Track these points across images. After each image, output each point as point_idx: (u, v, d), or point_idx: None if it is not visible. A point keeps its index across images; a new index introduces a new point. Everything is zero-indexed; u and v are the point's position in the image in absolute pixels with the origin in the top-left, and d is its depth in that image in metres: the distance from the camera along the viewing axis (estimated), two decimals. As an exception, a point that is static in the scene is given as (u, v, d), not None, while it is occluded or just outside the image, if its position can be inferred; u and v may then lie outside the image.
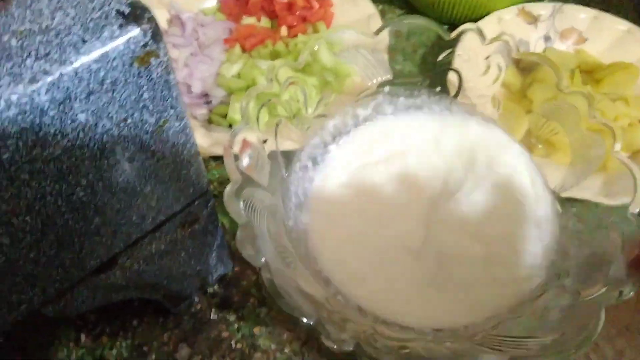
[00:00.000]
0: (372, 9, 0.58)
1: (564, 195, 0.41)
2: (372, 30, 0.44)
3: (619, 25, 0.57)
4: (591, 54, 0.57)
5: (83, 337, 0.41)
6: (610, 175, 0.39)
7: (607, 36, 0.57)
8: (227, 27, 0.59)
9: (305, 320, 0.30)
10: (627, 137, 0.51)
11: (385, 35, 0.46)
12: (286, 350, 0.41)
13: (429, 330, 0.35)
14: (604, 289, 0.32)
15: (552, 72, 0.41)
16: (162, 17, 0.59)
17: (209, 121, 0.51)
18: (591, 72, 0.55)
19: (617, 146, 0.38)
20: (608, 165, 0.39)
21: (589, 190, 0.40)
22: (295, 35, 0.57)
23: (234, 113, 0.50)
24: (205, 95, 0.53)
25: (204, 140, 0.48)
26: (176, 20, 0.58)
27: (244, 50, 0.56)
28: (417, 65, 0.50)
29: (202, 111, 0.52)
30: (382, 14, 0.64)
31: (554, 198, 0.41)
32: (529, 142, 0.46)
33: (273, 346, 0.41)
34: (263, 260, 0.31)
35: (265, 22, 0.60)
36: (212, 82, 0.52)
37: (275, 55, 0.55)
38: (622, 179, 0.37)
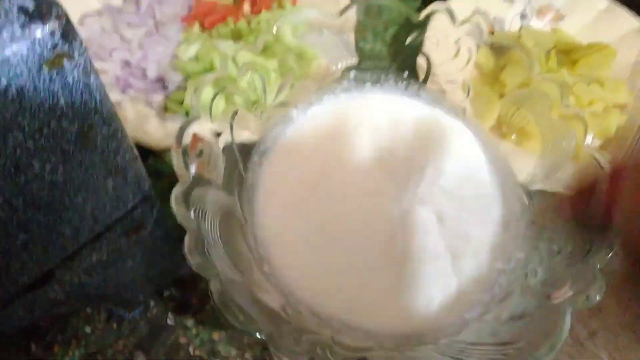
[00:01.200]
0: (340, -16, 0.55)
1: (535, 187, 0.39)
2: (340, 7, 0.41)
3: (598, 2, 0.55)
4: (568, 33, 0.55)
5: (33, 346, 0.39)
6: (583, 165, 0.38)
7: (585, 14, 0.55)
8: (185, 3, 0.55)
9: (257, 334, 0.28)
10: (602, 123, 0.49)
11: (352, 14, 0.43)
12: (247, 355, 0.39)
13: (391, 336, 0.33)
14: (571, 292, 0.31)
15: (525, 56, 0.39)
16: (116, -7, 0.55)
17: (165, 109, 0.48)
18: (568, 53, 0.53)
19: (589, 138, 0.36)
20: (579, 156, 0.37)
21: (560, 182, 0.38)
22: (259, 12, 0.54)
23: (190, 101, 0.46)
24: (161, 79, 0.49)
25: (158, 132, 0.45)
26: (130, -4, 0.54)
27: (203, 29, 0.53)
28: (387, 45, 0.47)
29: (158, 97, 0.48)
30: (352, -12, 0.60)
31: (522, 192, 0.39)
32: (501, 130, 0.44)
33: (233, 352, 0.39)
34: (214, 270, 0.29)
35: (226, -3, 0.56)
36: (168, 65, 0.49)
37: (236, 34, 0.52)
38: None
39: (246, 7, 0.55)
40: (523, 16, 0.57)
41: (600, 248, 0.32)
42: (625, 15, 0.53)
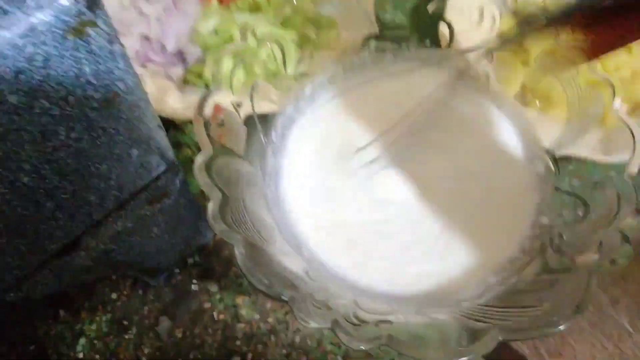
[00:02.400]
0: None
1: (560, 153, 0.39)
2: (357, -23, 0.41)
3: (625, -34, 0.53)
4: None
5: (62, 312, 0.40)
6: (609, 131, 0.37)
7: (611, -22, 0.53)
8: (203, -23, 0.55)
9: (280, 297, 0.29)
10: (629, 89, 0.48)
11: (370, -16, 0.42)
12: (270, 319, 0.40)
13: (411, 300, 0.34)
14: (596, 256, 0.31)
15: (550, 21, 0.38)
16: (133, -33, 0.55)
17: (185, 81, 0.48)
18: (593, 18, 0.51)
19: (617, 102, 0.35)
20: (606, 120, 0.36)
21: (586, 147, 0.38)
22: (277, -15, 0.53)
23: (210, 72, 0.47)
24: (180, 53, 0.49)
25: (179, 103, 0.45)
26: (148, -30, 0.53)
27: (221, 3, 0.52)
28: (407, 15, 0.46)
29: (177, 70, 0.48)
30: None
31: (547, 158, 0.39)
32: (525, 97, 0.44)
33: (256, 316, 0.40)
34: (237, 236, 0.29)
35: (244, -30, 0.56)
36: (187, 38, 0.49)
37: (255, 8, 0.51)
38: (621, 135, 0.35)
39: (264, -21, 0.54)
40: (547, -18, 0.55)
41: (628, 211, 0.32)
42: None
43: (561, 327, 0.28)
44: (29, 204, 0.24)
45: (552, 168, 0.39)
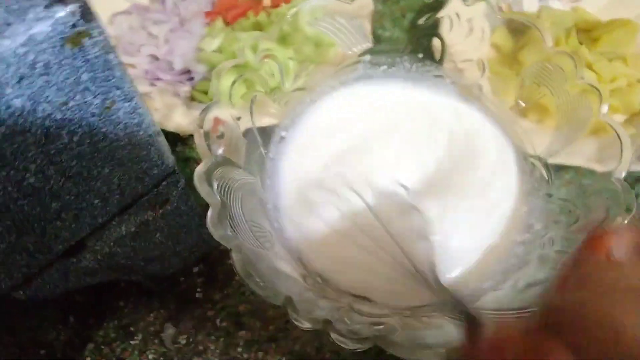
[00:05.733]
0: (357, -26, 0.56)
1: (553, 161, 0.39)
2: (353, -5, 0.43)
3: (617, -21, 0.54)
4: (589, 12, 0.54)
5: (71, 318, 0.42)
6: (604, 140, 0.38)
7: (605, -9, 0.55)
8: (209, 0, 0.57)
9: (276, 299, 0.30)
10: (626, 98, 0.49)
11: (366, 1, 0.44)
12: (271, 327, 0.41)
13: (407, 307, 0.34)
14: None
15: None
16: (144, -7, 0.58)
17: (192, 98, 0.51)
18: (589, 31, 0.52)
19: (604, 108, 0.36)
20: (600, 129, 0.37)
21: (582, 156, 0.39)
22: (279, 5, 0.56)
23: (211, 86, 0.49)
24: (187, 71, 0.52)
25: (184, 119, 0.47)
26: (157, -6, 0.57)
27: (226, 23, 0.55)
28: (405, 31, 0.48)
29: (185, 88, 0.51)
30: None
31: (540, 165, 0.39)
32: (521, 108, 0.45)
33: (258, 324, 0.41)
34: (235, 241, 0.31)
35: (248, -9, 0.59)
36: (193, 58, 0.51)
37: (257, 27, 0.54)
38: (614, 144, 0.36)
39: (266, 0, 0.57)
40: (542, -4, 0.57)
41: (616, 214, 0.32)
42: (646, -10, 0.53)
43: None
44: (36, 204, 0.26)
45: (545, 176, 0.39)
